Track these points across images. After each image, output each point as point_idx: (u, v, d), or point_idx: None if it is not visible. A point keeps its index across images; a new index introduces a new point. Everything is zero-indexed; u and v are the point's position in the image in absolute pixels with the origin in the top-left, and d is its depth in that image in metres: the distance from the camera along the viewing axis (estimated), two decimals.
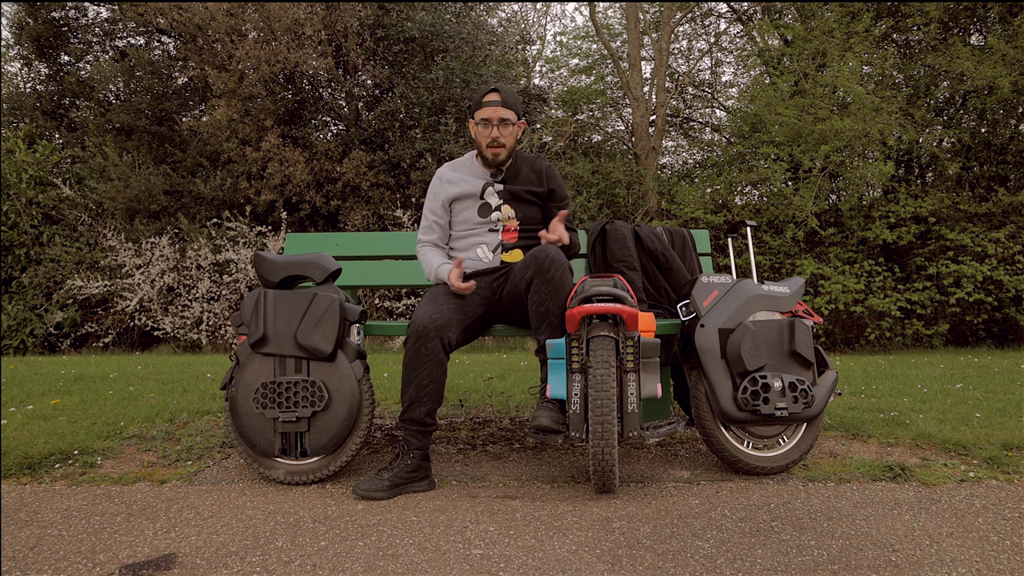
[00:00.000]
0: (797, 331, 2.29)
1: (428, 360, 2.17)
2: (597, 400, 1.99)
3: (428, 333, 2.17)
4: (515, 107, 2.46)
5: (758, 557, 1.66)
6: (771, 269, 7.97)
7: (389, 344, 7.77)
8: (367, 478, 2.18)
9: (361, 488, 2.13)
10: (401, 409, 2.25)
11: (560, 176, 2.60)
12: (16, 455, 2.41)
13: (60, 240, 8.26)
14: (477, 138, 2.48)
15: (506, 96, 2.43)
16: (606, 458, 2.01)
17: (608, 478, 2.05)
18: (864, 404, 3.37)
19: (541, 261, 2.22)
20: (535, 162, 2.58)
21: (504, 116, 2.42)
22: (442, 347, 2.19)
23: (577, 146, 10.24)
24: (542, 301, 2.21)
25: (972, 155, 8.50)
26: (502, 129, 2.42)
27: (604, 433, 1.98)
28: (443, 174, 2.56)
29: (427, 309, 2.24)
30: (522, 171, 2.54)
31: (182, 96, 9.80)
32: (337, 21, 8.72)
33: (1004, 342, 7.77)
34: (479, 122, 2.44)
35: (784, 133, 7.85)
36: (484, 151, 2.47)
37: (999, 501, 2.05)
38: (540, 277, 2.21)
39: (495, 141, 2.43)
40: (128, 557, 1.67)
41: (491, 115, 2.41)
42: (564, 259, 2.25)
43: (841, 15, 8.52)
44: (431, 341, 2.17)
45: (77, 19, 10.11)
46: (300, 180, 8.50)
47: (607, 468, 2.03)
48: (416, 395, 2.19)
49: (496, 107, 2.42)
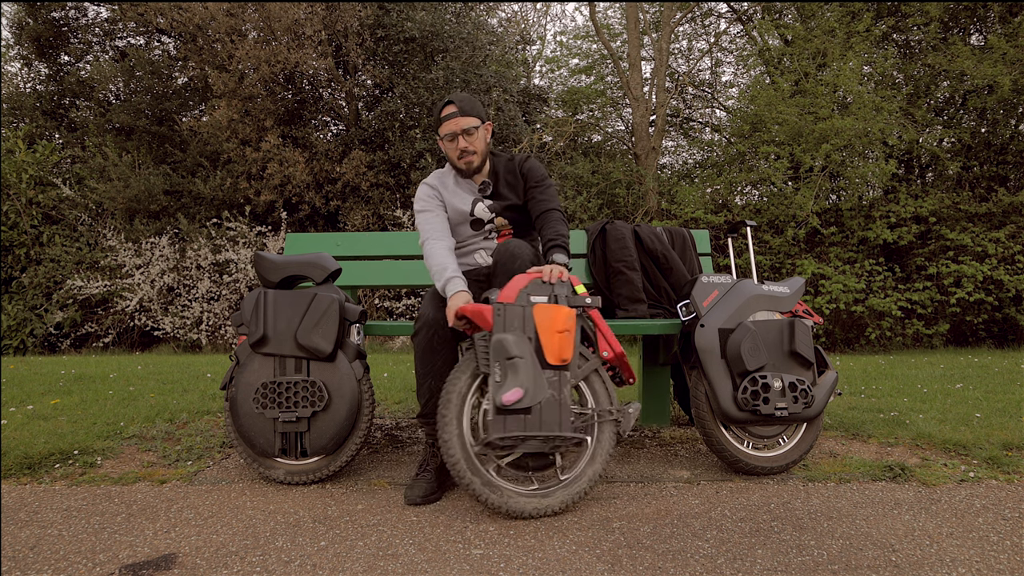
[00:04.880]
0: (797, 331, 2.29)
1: (442, 347, 2.16)
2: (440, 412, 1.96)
3: (438, 322, 2.16)
4: (474, 111, 2.39)
5: (758, 557, 1.66)
6: (771, 269, 7.97)
7: (389, 344, 7.77)
8: (412, 485, 2.12)
9: (416, 496, 2.07)
10: (420, 407, 2.21)
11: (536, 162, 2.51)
12: (16, 455, 2.41)
13: (60, 240, 8.26)
14: (447, 153, 2.44)
15: (462, 104, 2.37)
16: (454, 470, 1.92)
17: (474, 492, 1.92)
18: (864, 404, 3.37)
19: (501, 253, 2.19)
20: (511, 163, 2.52)
21: (465, 126, 2.36)
22: (452, 333, 2.18)
23: (577, 146, 10.24)
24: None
25: (972, 155, 8.50)
26: (467, 138, 2.38)
27: (444, 444, 1.93)
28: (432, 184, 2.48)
29: (434, 301, 2.23)
30: (501, 176, 2.48)
31: (182, 96, 9.80)
32: (337, 21, 8.72)
33: (1004, 342, 7.77)
34: (444, 138, 2.40)
35: (785, 132, 7.86)
36: (456, 164, 2.43)
37: (999, 501, 2.05)
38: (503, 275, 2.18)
39: (464, 152, 2.39)
40: (128, 557, 1.67)
41: (453, 128, 2.36)
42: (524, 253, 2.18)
43: (841, 15, 8.52)
44: (442, 329, 2.16)
45: (77, 19, 10.11)
46: (300, 180, 8.50)
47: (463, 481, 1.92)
48: (435, 384, 2.16)
49: (455, 119, 2.36)
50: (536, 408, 1.93)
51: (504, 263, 2.19)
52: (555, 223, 2.34)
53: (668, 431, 2.99)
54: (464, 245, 2.50)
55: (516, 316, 1.99)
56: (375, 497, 2.14)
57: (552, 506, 1.94)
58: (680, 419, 3.20)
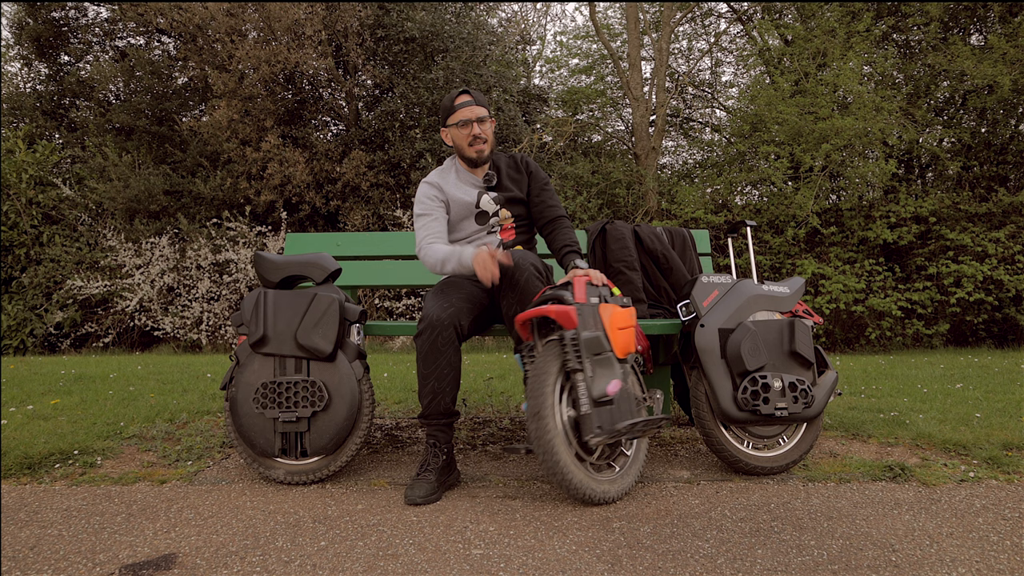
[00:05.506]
0: (797, 331, 2.29)
1: (445, 348, 2.16)
2: (532, 409, 1.97)
3: (442, 322, 2.15)
4: (486, 105, 2.49)
5: (758, 557, 1.66)
6: (771, 269, 7.97)
7: (389, 344, 7.77)
8: (414, 485, 2.12)
9: (417, 496, 2.07)
10: (422, 408, 2.21)
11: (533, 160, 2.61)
12: (16, 455, 2.41)
13: (60, 240, 8.26)
14: (456, 141, 2.46)
15: (476, 96, 2.46)
16: (551, 468, 1.96)
17: (569, 488, 1.98)
18: (864, 404, 3.37)
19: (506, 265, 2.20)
20: (509, 158, 2.61)
21: (480, 114, 2.43)
22: (456, 334, 2.18)
23: (577, 146, 10.24)
24: (510, 306, 2.21)
25: (972, 155, 8.50)
26: (481, 126, 2.43)
27: (542, 442, 1.95)
28: (433, 182, 2.50)
29: (437, 301, 2.22)
30: (502, 169, 2.56)
31: (182, 96, 9.81)
32: (337, 21, 8.72)
33: (1004, 342, 7.77)
34: (457, 124, 2.43)
35: (785, 132, 7.86)
36: (467, 152, 2.45)
37: (999, 501, 2.05)
38: (506, 280, 2.20)
39: (477, 138, 2.43)
40: (128, 557, 1.67)
41: (469, 115, 2.42)
42: (530, 263, 2.22)
43: (841, 15, 8.52)
44: (446, 330, 2.15)
45: (77, 19, 10.11)
46: (300, 180, 8.50)
47: (560, 478, 1.96)
48: (438, 386, 2.17)
49: (471, 107, 2.43)
50: (615, 398, 2.05)
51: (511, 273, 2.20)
52: (568, 230, 2.49)
53: (668, 431, 2.99)
54: (468, 241, 2.50)
55: (591, 315, 2.11)
56: (375, 497, 2.14)
57: (624, 489, 2.10)
58: (680, 419, 3.20)
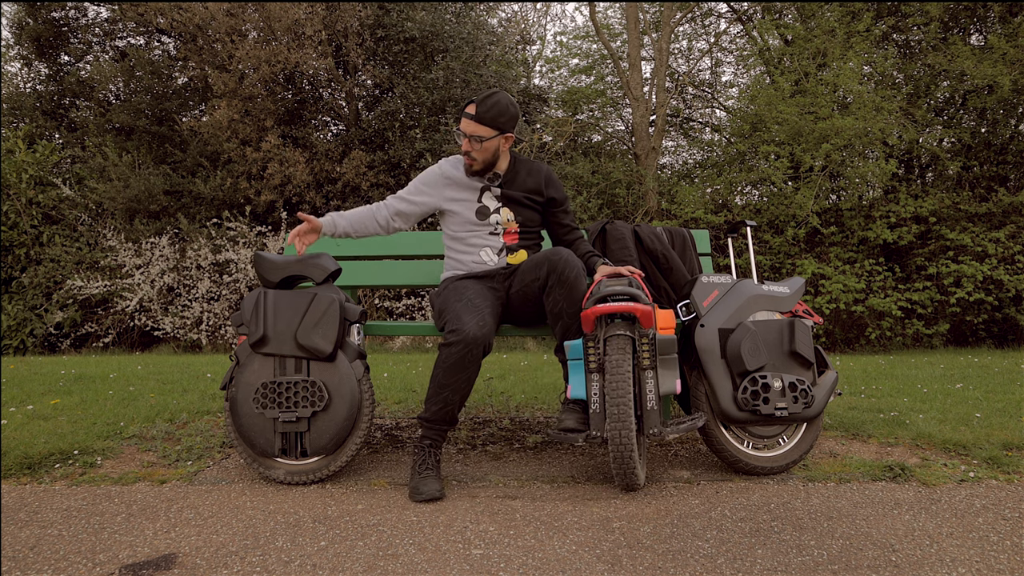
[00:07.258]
0: (797, 331, 2.29)
1: (471, 364, 2.18)
2: (614, 400, 2.00)
3: (476, 341, 2.16)
4: (492, 123, 2.39)
5: (758, 557, 1.66)
6: (771, 269, 7.97)
7: (389, 344, 7.77)
8: (419, 482, 2.13)
9: (433, 491, 2.10)
10: (428, 411, 2.22)
11: (558, 180, 2.62)
12: (16, 455, 2.41)
13: (60, 240, 8.26)
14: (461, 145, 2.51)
15: (483, 112, 2.38)
16: (625, 457, 2.02)
17: (630, 477, 2.07)
18: (864, 404, 3.37)
19: (555, 263, 2.26)
20: (533, 166, 2.60)
21: (473, 133, 2.39)
22: (484, 352, 2.21)
23: (577, 146, 10.23)
24: (557, 302, 2.25)
25: (972, 155, 8.50)
26: (471, 144, 2.42)
27: (622, 432, 1.99)
28: (445, 168, 2.56)
29: (472, 317, 2.22)
30: (520, 176, 2.55)
31: (182, 96, 9.80)
32: (337, 21, 8.72)
33: (1004, 342, 7.77)
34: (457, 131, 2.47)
35: (785, 132, 7.85)
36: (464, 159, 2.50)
37: (999, 501, 2.05)
38: (555, 277, 2.25)
39: (467, 154, 2.46)
40: (128, 557, 1.67)
41: (464, 128, 2.43)
42: (578, 260, 2.29)
43: (841, 15, 8.52)
44: (477, 348, 2.17)
45: (77, 19, 10.11)
46: (300, 180, 8.50)
47: (628, 466, 2.04)
48: (452, 397, 2.19)
49: (469, 121, 2.40)
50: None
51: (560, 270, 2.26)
52: (587, 244, 2.61)
53: None
54: (467, 236, 2.52)
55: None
56: (375, 497, 2.14)
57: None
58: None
